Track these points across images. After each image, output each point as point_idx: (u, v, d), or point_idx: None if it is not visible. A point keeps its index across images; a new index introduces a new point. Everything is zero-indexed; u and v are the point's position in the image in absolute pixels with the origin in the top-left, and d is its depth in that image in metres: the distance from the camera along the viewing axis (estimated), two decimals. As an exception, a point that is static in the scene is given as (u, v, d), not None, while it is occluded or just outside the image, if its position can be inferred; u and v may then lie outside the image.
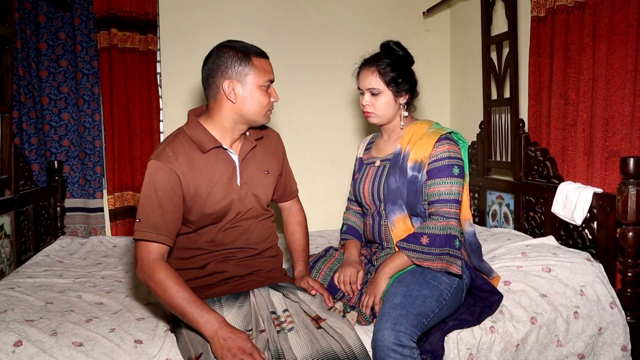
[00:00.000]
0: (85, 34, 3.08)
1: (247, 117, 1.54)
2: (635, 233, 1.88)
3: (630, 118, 2.03)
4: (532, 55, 2.50)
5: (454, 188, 1.67)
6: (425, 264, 1.63)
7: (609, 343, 1.84)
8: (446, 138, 1.71)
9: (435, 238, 1.64)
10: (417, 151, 1.72)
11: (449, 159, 1.68)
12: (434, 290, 1.60)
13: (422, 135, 1.73)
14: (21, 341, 1.51)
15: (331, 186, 3.40)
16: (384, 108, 1.75)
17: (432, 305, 1.57)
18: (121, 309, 1.83)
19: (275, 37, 3.28)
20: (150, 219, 1.45)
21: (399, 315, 1.50)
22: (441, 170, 1.68)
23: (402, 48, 1.79)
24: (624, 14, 2.04)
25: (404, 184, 1.72)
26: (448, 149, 1.69)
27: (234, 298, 1.53)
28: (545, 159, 2.36)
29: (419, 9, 3.49)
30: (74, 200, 3.18)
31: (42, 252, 2.57)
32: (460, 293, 1.69)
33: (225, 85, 1.50)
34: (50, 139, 3.12)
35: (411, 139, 1.75)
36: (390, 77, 1.72)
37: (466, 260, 1.73)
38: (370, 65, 1.75)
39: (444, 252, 1.63)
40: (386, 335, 1.46)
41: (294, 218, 1.86)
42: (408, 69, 1.78)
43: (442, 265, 1.63)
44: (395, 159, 1.76)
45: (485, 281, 1.74)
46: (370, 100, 1.75)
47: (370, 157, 1.90)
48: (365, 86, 1.75)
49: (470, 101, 3.32)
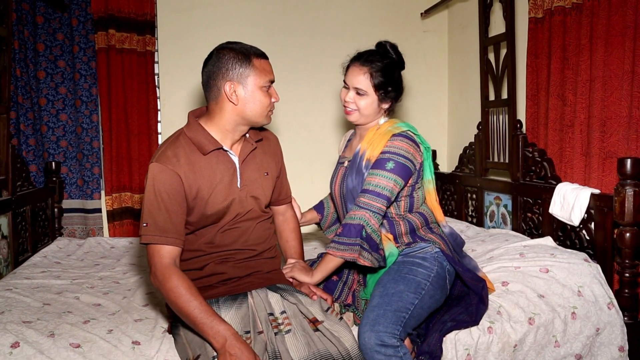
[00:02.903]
0: (83, 34, 3.08)
1: (249, 119, 1.54)
2: (633, 234, 1.88)
3: (628, 119, 2.04)
4: (529, 56, 2.50)
5: (381, 181, 1.62)
6: (338, 254, 1.61)
7: (606, 343, 1.85)
8: (401, 135, 1.67)
9: (347, 227, 1.62)
10: (371, 149, 1.70)
11: (388, 154, 1.64)
12: (410, 283, 1.60)
13: (380, 134, 1.71)
14: (18, 342, 1.51)
15: (329, 188, 3.39)
16: (366, 109, 1.72)
17: (409, 297, 1.56)
18: (119, 310, 1.83)
19: (273, 38, 3.28)
20: (157, 223, 1.45)
21: (376, 316, 1.50)
22: (377, 162, 1.66)
23: (397, 52, 1.76)
24: (621, 16, 2.05)
25: (359, 183, 1.70)
26: (394, 144, 1.65)
27: (232, 299, 1.53)
28: (543, 160, 2.37)
29: (417, 10, 3.50)
30: (72, 201, 3.17)
31: (40, 253, 2.56)
32: (442, 281, 1.66)
33: (227, 87, 1.50)
34: (48, 140, 3.12)
35: (371, 138, 1.73)
36: (380, 82, 1.69)
37: (443, 249, 1.71)
38: (362, 64, 1.71)
39: (356, 242, 1.60)
40: (367, 337, 1.46)
41: (288, 225, 1.85)
42: (398, 75, 1.75)
43: (353, 256, 1.59)
44: (354, 158, 1.76)
45: (466, 268, 1.72)
46: (354, 98, 1.72)
47: (343, 156, 1.90)
48: (353, 84, 1.71)
49: (468, 102, 3.33)
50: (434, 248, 1.70)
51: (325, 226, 2.01)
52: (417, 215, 1.75)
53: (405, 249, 1.72)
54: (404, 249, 1.71)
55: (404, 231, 1.72)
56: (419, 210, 1.77)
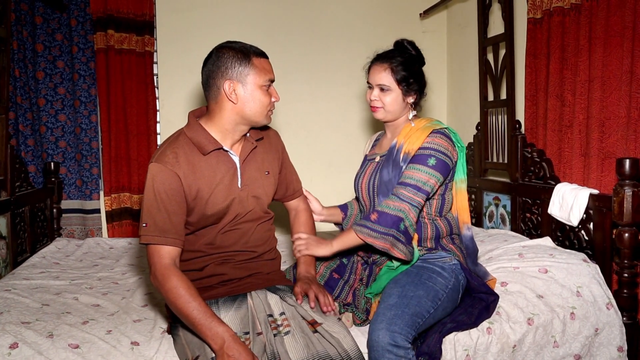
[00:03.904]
0: (82, 35, 3.08)
1: (249, 118, 1.54)
2: (631, 234, 1.89)
3: (626, 119, 2.04)
4: (528, 56, 2.51)
5: (423, 176, 1.63)
6: (368, 240, 1.60)
7: (605, 344, 1.85)
8: (439, 132, 1.70)
9: (383, 216, 1.62)
10: (409, 143, 1.71)
11: (430, 150, 1.66)
12: (429, 290, 1.60)
13: (418, 129, 1.73)
14: (17, 343, 1.50)
15: (329, 188, 3.39)
16: (392, 104, 1.75)
17: (427, 305, 1.57)
18: (118, 310, 1.83)
19: (272, 39, 3.28)
20: (157, 223, 1.44)
21: (393, 316, 1.50)
22: (417, 157, 1.67)
23: (415, 48, 1.79)
24: (620, 16, 2.05)
25: (395, 176, 1.71)
26: (434, 141, 1.67)
27: (231, 300, 1.52)
28: (542, 160, 2.37)
29: (416, 10, 3.50)
30: (71, 202, 3.17)
31: (39, 253, 2.56)
32: (456, 294, 1.69)
33: (226, 86, 1.49)
34: (47, 141, 3.11)
35: (408, 132, 1.75)
36: (402, 75, 1.72)
37: (462, 261, 1.73)
38: (382, 61, 1.75)
39: (390, 232, 1.60)
40: (381, 335, 1.46)
41: (299, 219, 1.84)
42: (419, 69, 1.78)
43: (386, 246, 1.59)
44: (390, 152, 1.77)
45: (482, 282, 1.74)
46: (379, 95, 1.75)
47: (373, 153, 1.91)
48: (376, 82, 1.75)
49: (467, 102, 3.33)
50: (452, 259, 1.71)
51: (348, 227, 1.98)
52: (444, 221, 1.76)
53: (426, 254, 1.72)
54: (424, 253, 1.72)
55: (430, 236, 1.73)
56: (447, 216, 1.78)
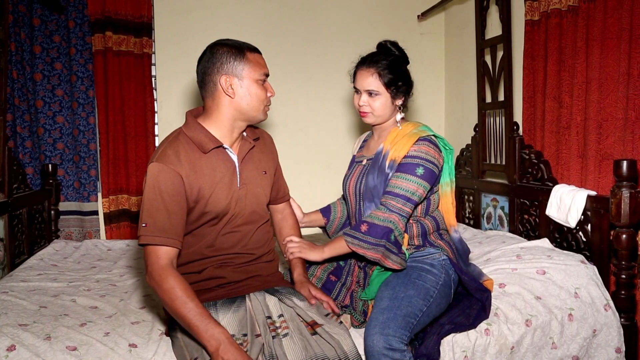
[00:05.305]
0: (79, 36, 3.07)
1: (246, 113, 1.54)
2: (629, 235, 1.89)
3: (624, 121, 2.05)
4: (526, 58, 2.51)
5: (411, 186, 1.64)
6: (360, 251, 1.61)
7: (603, 345, 1.85)
8: (426, 140, 1.69)
9: (373, 227, 1.62)
10: (395, 150, 1.71)
11: (417, 159, 1.66)
12: (420, 289, 1.60)
13: (404, 135, 1.73)
14: (14, 345, 1.50)
15: (326, 189, 3.39)
16: (381, 109, 1.74)
17: (419, 304, 1.57)
18: (115, 312, 1.82)
19: (270, 40, 3.28)
20: (157, 223, 1.44)
21: (386, 319, 1.50)
22: (405, 166, 1.66)
23: (399, 48, 1.79)
24: (617, 18, 2.06)
25: (381, 182, 1.71)
26: (422, 149, 1.67)
27: (229, 302, 1.52)
28: (540, 162, 2.37)
29: (413, 12, 3.50)
30: (69, 204, 3.16)
31: (36, 255, 2.56)
32: (448, 289, 1.68)
33: (222, 81, 1.50)
34: (45, 142, 3.11)
35: (394, 138, 1.75)
36: (389, 78, 1.71)
37: (451, 257, 1.72)
38: (369, 65, 1.73)
39: (380, 243, 1.61)
40: (375, 340, 1.46)
41: (287, 222, 1.85)
42: (405, 70, 1.78)
43: (378, 257, 1.60)
44: (377, 157, 1.77)
45: (472, 277, 1.73)
46: (368, 101, 1.74)
47: (361, 155, 1.90)
48: (364, 87, 1.74)
49: (464, 104, 3.33)
50: (442, 255, 1.71)
51: (332, 231, 2.00)
52: (430, 219, 1.76)
53: (415, 252, 1.72)
54: (413, 252, 1.72)
55: (416, 233, 1.73)
56: (433, 214, 1.78)
